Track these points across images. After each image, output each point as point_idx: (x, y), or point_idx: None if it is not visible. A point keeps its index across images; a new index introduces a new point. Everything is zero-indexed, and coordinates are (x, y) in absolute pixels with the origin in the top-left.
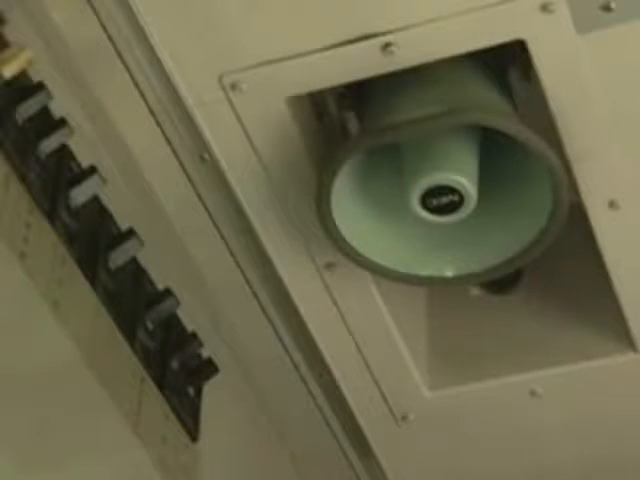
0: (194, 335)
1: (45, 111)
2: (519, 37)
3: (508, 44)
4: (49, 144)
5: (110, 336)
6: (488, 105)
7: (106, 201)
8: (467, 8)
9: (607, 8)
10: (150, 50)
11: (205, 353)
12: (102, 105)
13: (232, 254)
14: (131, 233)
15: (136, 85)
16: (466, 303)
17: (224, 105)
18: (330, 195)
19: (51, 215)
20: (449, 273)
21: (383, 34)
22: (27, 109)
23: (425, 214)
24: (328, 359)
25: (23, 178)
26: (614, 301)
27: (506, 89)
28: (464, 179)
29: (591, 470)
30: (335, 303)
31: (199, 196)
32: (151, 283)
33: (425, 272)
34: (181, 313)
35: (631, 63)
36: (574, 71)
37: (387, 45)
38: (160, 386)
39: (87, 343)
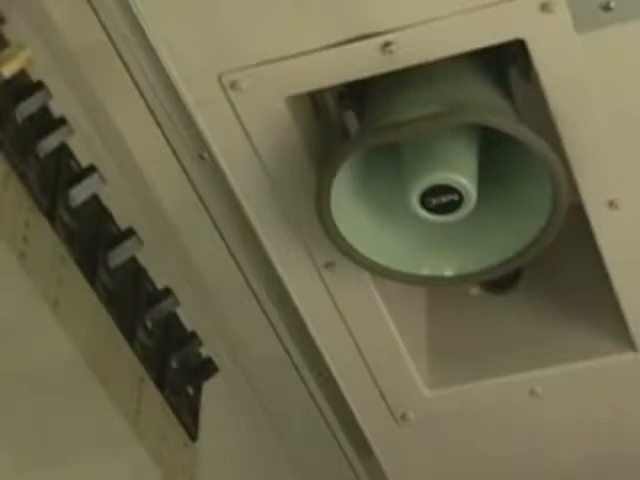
0: (194, 334)
1: (45, 110)
2: (519, 37)
3: (508, 44)
4: (49, 143)
5: (110, 335)
6: (488, 105)
7: (106, 200)
8: (467, 8)
9: (607, 8)
10: (150, 50)
11: (205, 352)
12: (102, 105)
13: (232, 254)
14: (131, 232)
15: (136, 85)
16: (465, 302)
17: (223, 104)
18: (330, 195)
19: (51, 214)
20: (449, 272)
21: (383, 33)
22: (26, 108)
23: (425, 214)
24: (328, 359)
25: (23, 177)
26: (614, 301)
27: (506, 89)
28: (464, 179)
29: (591, 469)
30: (335, 303)
31: (199, 196)
32: (151, 282)
33: (425, 272)
34: (181, 313)
35: (631, 63)
36: (574, 71)
37: (387, 44)
38: (160, 385)
39: (87, 343)
